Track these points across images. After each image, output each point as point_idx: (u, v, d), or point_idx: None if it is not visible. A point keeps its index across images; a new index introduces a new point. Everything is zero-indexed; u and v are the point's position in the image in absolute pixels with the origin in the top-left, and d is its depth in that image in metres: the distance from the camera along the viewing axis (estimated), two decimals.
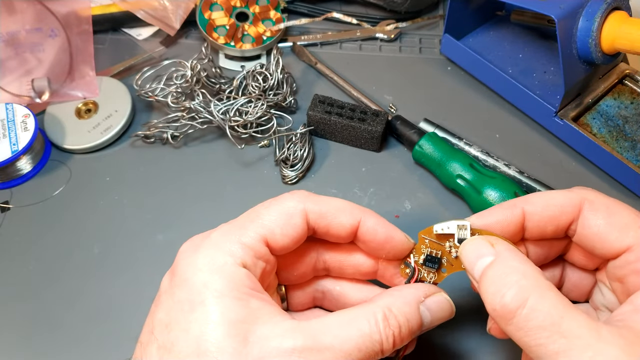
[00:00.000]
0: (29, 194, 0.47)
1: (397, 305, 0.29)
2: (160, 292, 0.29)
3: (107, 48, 0.57)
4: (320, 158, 0.49)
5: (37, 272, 0.43)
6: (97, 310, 0.41)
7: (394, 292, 0.31)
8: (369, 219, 0.32)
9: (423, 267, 0.33)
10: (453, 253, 0.32)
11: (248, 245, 0.29)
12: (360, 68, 0.56)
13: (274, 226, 0.30)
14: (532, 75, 0.52)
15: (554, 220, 0.31)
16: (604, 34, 0.44)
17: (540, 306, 0.25)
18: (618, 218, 0.29)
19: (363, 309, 0.29)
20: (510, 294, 0.26)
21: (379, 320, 0.28)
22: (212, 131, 0.50)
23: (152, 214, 0.46)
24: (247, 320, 0.26)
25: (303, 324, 0.27)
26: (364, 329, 0.27)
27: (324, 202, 0.32)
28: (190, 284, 0.28)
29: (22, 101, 0.50)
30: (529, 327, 0.25)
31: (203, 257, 0.28)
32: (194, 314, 0.27)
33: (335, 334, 0.27)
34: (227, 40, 0.55)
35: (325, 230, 0.32)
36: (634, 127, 0.49)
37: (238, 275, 0.28)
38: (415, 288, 0.31)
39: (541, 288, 0.26)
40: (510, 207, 0.31)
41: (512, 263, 0.27)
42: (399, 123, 0.49)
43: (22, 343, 0.39)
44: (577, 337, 0.24)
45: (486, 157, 0.48)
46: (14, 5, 0.52)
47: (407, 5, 0.58)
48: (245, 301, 0.27)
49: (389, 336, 0.28)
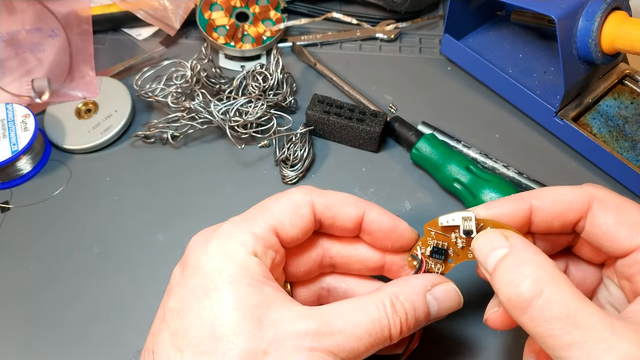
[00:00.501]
0: (29, 194, 0.47)
1: (404, 292, 0.30)
2: (172, 284, 0.29)
3: (107, 48, 0.57)
4: (320, 158, 0.49)
5: (37, 272, 0.43)
6: (97, 310, 0.41)
7: (401, 281, 0.31)
8: (373, 209, 0.33)
9: (430, 259, 0.33)
10: (459, 243, 0.32)
11: (258, 234, 0.30)
12: (360, 68, 0.56)
13: (283, 217, 0.31)
14: (532, 75, 0.52)
15: (561, 217, 0.31)
16: (604, 34, 0.44)
17: (556, 297, 0.25)
18: (627, 217, 0.29)
19: (371, 296, 0.29)
20: (526, 283, 0.26)
21: (387, 306, 0.28)
22: (212, 131, 0.50)
23: (152, 214, 0.46)
24: (261, 305, 0.27)
25: (315, 309, 0.28)
26: (373, 314, 0.28)
27: (330, 195, 0.33)
28: (203, 271, 0.28)
29: (22, 101, 0.50)
30: (544, 317, 0.25)
31: (215, 246, 0.29)
32: (207, 299, 0.27)
33: (346, 319, 0.27)
34: (227, 40, 0.55)
35: (331, 221, 0.33)
36: (634, 127, 0.49)
37: (250, 263, 0.28)
38: (422, 277, 0.31)
39: (557, 280, 0.26)
40: (518, 200, 0.31)
41: (526, 255, 0.27)
42: (397, 124, 0.49)
43: (22, 343, 0.39)
44: (592, 330, 0.24)
45: (485, 159, 0.48)
46: (14, 5, 0.52)
47: (407, 5, 0.58)
48: (258, 287, 0.28)
49: (396, 322, 0.28)
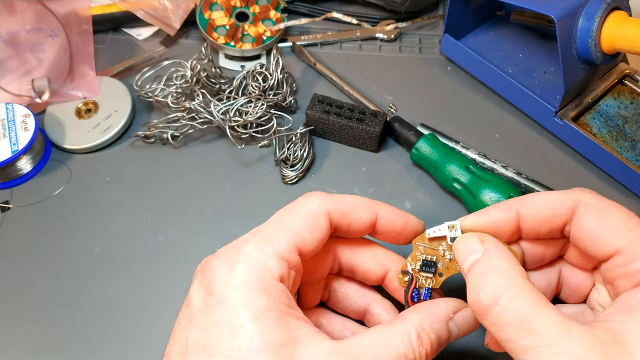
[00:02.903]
0: (29, 194, 0.47)
1: (429, 322, 0.30)
2: (194, 310, 0.28)
3: (107, 48, 0.57)
4: (320, 158, 0.49)
5: (37, 272, 0.43)
6: (97, 310, 0.41)
7: (424, 308, 0.31)
8: (385, 210, 0.33)
9: (420, 274, 0.33)
10: (447, 256, 0.33)
11: (283, 257, 0.29)
12: (360, 68, 0.56)
13: (303, 232, 0.30)
14: (532, 75, 0.52)
15: (547, 223, 0.31)
16: (603, 34, 0.44)
17: (512, 304, 0.26)
18: (609, 221, 0.29)
19: (397, 327, 0.29)
20: (485, 291, 0.27)
21: (413, 339, 0.28)
22: (212, 131, 0.50)
23: (152, 214, 0.46)
24: (288, 343, 0.26)
25: (342, 345, 0.27)
26: (399, 348, 0.28)
27: (342, 200, 0.32)
28: (229, 304, 0.27)
29: (22, 101, 0.50)
30: (501, 323, 0.26)
31: (240, 274, 0.28)
32: (235, 338, 0.26)
33: (373, 354, 0.27)
34: (227, 40, 0.55)
35: (346, 228, 0.32)
36: (633, 127, 0.49)
37: (276, 291, 0.28)
38: (444, 304, 0.31)
39: (517, 287, 0.27)
40: (505, 208, 0.32)
41: (494, 261, 0.28)
42: (397, 124, 0.49)
43: (22, 343, 0.39)
44: (546, 335, 0.25)
45: (484, 159, 0.48)
46: (14, 5, 0.52)
47: (407, 5, 0.58)
48: (284, 322, 0.27)
49: (422, 354, 0.28)
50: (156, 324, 0.40)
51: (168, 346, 0.28)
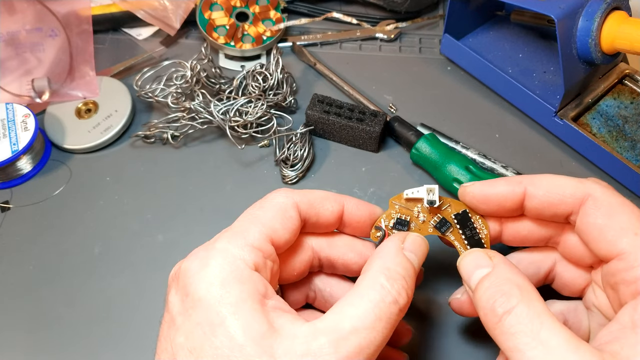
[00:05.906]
0: (29, 194, 0.47)
1: (389, 261, 0.30)
2: (173, 314, 0.28)
3: (107, 48, 0.57)
4: (320, 158, 0.49)
5: (37, 272, 0.43)
6: (97, 310, 0.41)
7: (378, 254, 0.31)
8: (350, 201, 0.34)
9: (392, 231, 0.35)
10: (420, 217, 0.35)
11: (256, 246, 0.29)
12: (360, 68, 0.56)
13: (274, 223, 0.31)
14: (532, 75, 0.52)
15: (552, 207, 0.31)
16: (603, 34, 0.44)
17: (525, 313, 0.26)
18: (617, 221, 0.29)
19: (364, 282, 0.29)
20: (500, 301, 0.27)
21: (385, 282, 0.28)
22: (212, 131, 0.50)
23: (152, 214, 0.46)
24: (267, 334, 0.26)
25: (318, 322, 0.27)
26: (375, 297, 0.28)
27: (310, 193, 0.33)
28: (205, 302, 0.27)
29: (22, 101, 0.50)
30: (512, 332, 0.26)
31: (212, 269, 0.28)
32: (217, 337, 0.26)
33: (352, 315, 0.27)
34: (227, 40, 0.55)
35: (315, 219, 0.33)
36: (633, 127, 0.49)
37: (251, 280, 0.28)
38: (390, 241, 0.32)
39: (530, 298, 0.27)
40: (514, 183, 0.32)
41: (507, 275, 0.29)
42: (397, 124, 0.49)
43: (22, 343, 0.39)
44: (554, 348, 0.25)
45: (484, 159, 0.48)
46: (14, 5, 0.52)
47: (407, 5, 0.58)
48: (262, 312, 0.27)
49: (400, 291, 0.28)
50: (156, 324, 0.40)
51: (156, 355, 0.28)
